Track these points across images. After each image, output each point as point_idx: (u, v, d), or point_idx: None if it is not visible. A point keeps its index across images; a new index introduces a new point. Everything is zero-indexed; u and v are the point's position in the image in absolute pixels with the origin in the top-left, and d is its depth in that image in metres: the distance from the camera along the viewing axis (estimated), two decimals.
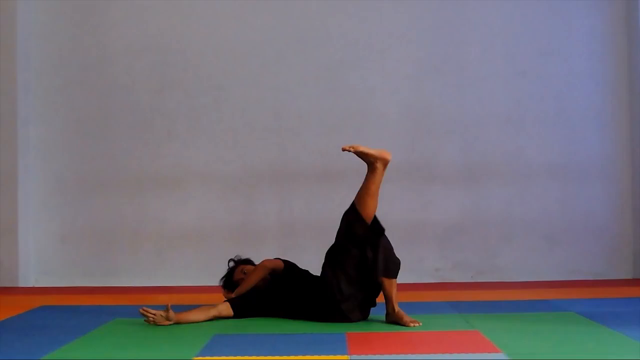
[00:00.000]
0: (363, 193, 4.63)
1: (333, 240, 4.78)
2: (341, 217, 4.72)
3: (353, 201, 4.67)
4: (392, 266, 4.61)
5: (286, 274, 4.93)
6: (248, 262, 5.13)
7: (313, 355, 3.77)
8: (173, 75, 7.10)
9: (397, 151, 7.06)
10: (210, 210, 7.03)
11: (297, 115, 7.10)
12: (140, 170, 7.06)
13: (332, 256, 4.70)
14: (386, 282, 4.60)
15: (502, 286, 6.57)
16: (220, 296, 5.10)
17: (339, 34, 7.12)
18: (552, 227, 7.05)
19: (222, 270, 5.13)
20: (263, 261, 4.99)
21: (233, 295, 4.92)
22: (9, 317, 5.06)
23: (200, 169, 7.05)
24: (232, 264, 5.13)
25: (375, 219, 4.65)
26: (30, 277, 6.97)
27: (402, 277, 4.76)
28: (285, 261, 5.04)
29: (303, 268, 5.05)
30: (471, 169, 7.06)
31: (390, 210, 6.67)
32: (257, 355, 3.77)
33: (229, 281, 5.06)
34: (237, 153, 7.07)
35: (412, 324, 4.52)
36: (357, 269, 4.61)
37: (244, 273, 5.00)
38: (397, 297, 4.63)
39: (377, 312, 4.81)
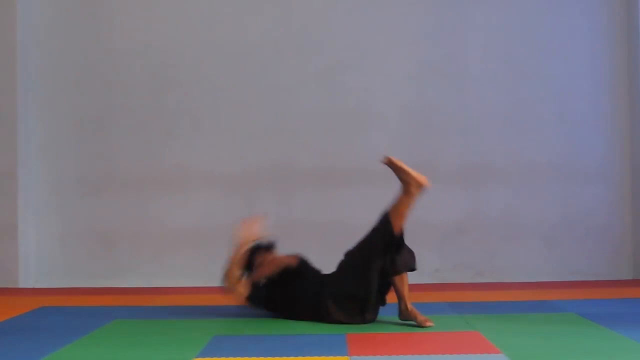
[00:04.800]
0: (392, 211, 4.58)
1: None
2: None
3: (387, 211, 4.61)
4: (414, 258, 4.62)
5: (297, 273, 4.87)
6: (272, 247, 5.07)
7: (313, 356, 3.78)
8: (173, 75, 7.10)
9: (397, 152, 7.04)
10: (210, 211, 7.03)
11: (297, 116, 7.10)
12: (141, 171, 7.06)
13: (357, 266, 4.62)
14: (397, 279, 4.60)
15: (502, 287, 6.57)
16: (221, 296, 5.09)
17: (340, 34, 7.11)
18: (552, 227, 7.05)
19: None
20: (278, 256, 4.94)
21: (246, 280, 4.87)
22: (9, 318, 5.06)
23: (200, 170, 7.05)
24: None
25: (402, 233, 4.62)
26: (30, 278, 6.97)
27: None
28: (301, 259, 4.97)
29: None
30: (471, 169, 7.06)
31: None
32: (257, 356, 3.78)
33: (251, 255, 4.99)
34: (237, 154, 7.07)
35: (426, 324, 4.53)
36: (379, 271, 4.59)
37: (262, 261, 4.94)
38: (409, 295, 4.63)
39: (379, 312, 4.80)
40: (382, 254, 4.58)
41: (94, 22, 7.13)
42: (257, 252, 5.02)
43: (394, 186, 4.74)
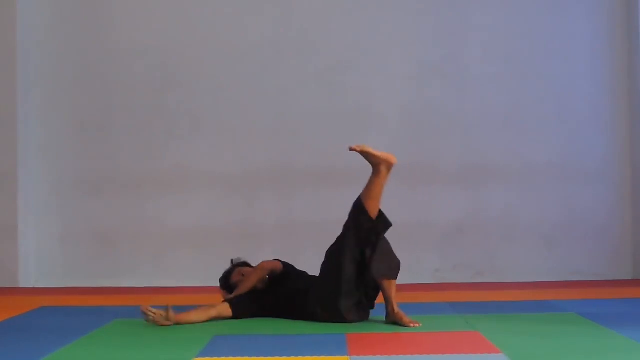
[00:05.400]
0: (365, 195, 4.63)
1: (332, 241, 4.78)
2: (344, 216, 4.72)
3: (359, 197, 4.66)
4: (392, 267, 4.63)
5: (284, 275, 4.94)
6: (246, 265, 5.13)
7: (313, 356, 3.77)
8: (173, 75, 7.11)
9: (398, 151, 6.99)
10: (210, 211, 7.03)
11: (297, 116, 7.10)
12: (140, 171, 7.06)
13: (332, 256, 4.70)
14: (385, 283, 4.61)
15: (502, 287, 6.57)
16: (220, 297, 5.09)
17: (340, 34, 7.12)
18: (552, 227, 7.06)
19: (222, 271, 5.13)
20: (261, 263, 4.99)
21: (232, 296, 4.92)
22: (8, 317, 5.05)
23: (200, 170, 7.06)
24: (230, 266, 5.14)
25: (381, 213, 4.65)
26: (30, 277, 6.97)
27: (402, 278, 4.75)
28: (283, 262, 5.05)
29: (301, 269, 5.06)
30: (471, 169, 7.06)
31: (389, 210, 6.67)
32: (257, 356, 3.77)
33: (227, 283, 5.06)
34: (237, 153, 7.07)
35: (411, 325, 4.52)
36: (356, 269, 4.62)
37: (242, 275, 5.00)
38: (396, 298, 4.64)
39: (377, 312, 4.81)
40: (355, 241, 4.58)
41: (94, 22, 7.14)
42: (233, 272, 5.05)
43: (394, 186, 4.74)
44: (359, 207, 4.63)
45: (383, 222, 4.65)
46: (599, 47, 7.12)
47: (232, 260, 5.14)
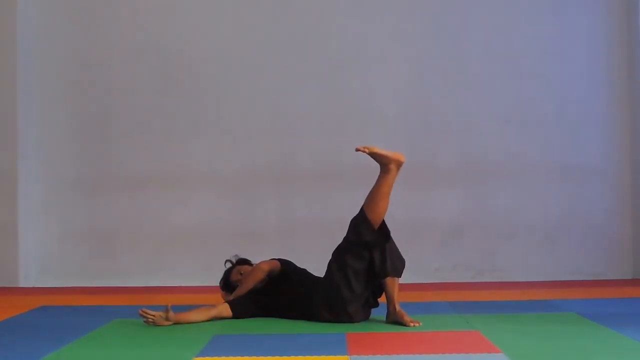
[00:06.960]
0: (374, 194, 4.62)
1: (333, 240, 4.78)
2: (344, 216, 4.72)
3: (362, 206, 4.66)
4: (399, 265, 4.63)
5: (284, 274, 4.93)
6: (245, 262, 5.13)
7: (313, 355, 3.77)
8: (173, 76, 7.11)
9: (398, 151, 7.08)
10: (210, 211, 7.03)
11: (297, 116, 7.11)
12: (140, 171, 7.06)
13: (339, 257, 4.68)
14: (389, 282, 4.61)
15: (502, 286, 6.57)
16: (220, 296, 5.10)
17: (339, 34, 7.12)
18: (552, 227, 7.06)
19: (222, 271, 5.13)
20: (259, 263, 4.98)
21: (231, 297, 4.92)
22: (8, 317, 5.06)
23: (200, 170, 7.06)
24: (228, 264, 5.13)
25: (383, 224, 4.65)
26: (30, 277, 6.97)
27: (402, 277, 4.75)
28: (281, 260, 5.02)
29: (301, 267, 5.06)
30: (471, 169, 7.06)
31: (390, 210, 6.67)
32: (257, 355, 3.77)
33: (227, 282, 5.06)
34: (237, 153, 7.07)
35: (412, 324, 4.53)
36: (364, 270, 4.61)
37: (241, 274, 5.00)
38: (398, 297, 4.64)
39: (377, 312, 4.81)
40: (364, 246, 4.58)
41: (94, 23, 7.14)
42: (232, 271, 5.04)
43: (394, 185, 4.73)
44: (360, 219, 4.62)
45: (384, 234, 4.63)
46: (599, 47, 7.12)
47: (226, 262, 5.13)
